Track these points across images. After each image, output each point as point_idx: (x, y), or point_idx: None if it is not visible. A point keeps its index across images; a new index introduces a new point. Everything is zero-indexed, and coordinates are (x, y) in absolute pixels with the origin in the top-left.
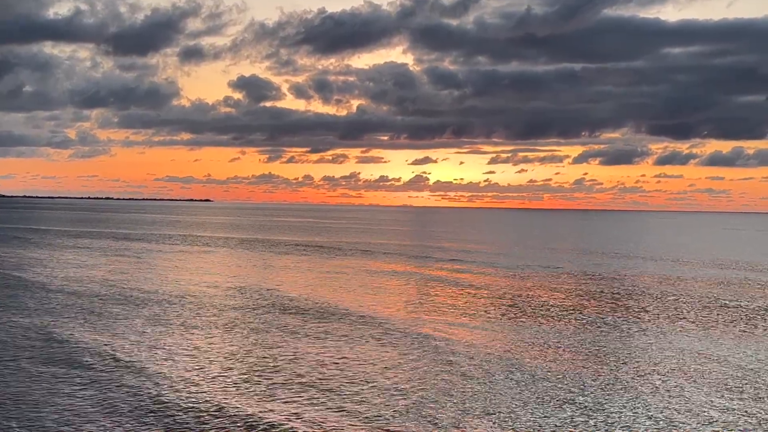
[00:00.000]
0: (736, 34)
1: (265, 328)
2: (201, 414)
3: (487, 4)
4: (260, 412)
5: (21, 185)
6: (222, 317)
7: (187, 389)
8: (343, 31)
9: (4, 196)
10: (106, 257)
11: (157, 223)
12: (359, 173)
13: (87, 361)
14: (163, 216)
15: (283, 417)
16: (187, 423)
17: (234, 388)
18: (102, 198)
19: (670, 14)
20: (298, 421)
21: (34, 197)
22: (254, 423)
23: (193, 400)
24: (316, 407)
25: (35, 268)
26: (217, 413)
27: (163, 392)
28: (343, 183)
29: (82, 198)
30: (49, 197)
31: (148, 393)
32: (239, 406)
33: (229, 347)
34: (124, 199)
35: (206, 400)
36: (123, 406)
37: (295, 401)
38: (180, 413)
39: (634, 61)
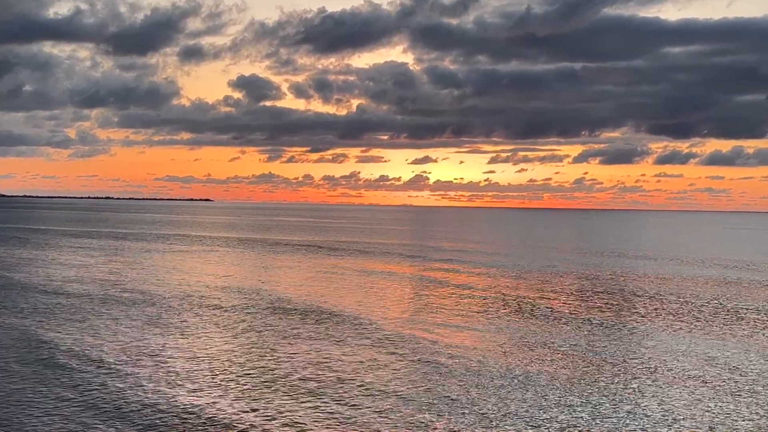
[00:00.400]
0: (736, 34)
1: (259, 330)
2: (184, 416)
3: (487, 3)
4: (244, 413)
5: (21, 185)
6: (216, 318)
7: (172, 391)
8: (343, 30)
9: (4, 195)
10: (104, 257)
11: (157, 222)
12: (359, 173)
13: (76, 363)
14: (162, 216)
15: (267, 419)
16: (170, 425)
17: (221, 390)
18: (102, 198)
19: (670, 13)
20: (283, 423)
21: (34, 197)
22: (237, 424)
23: (179, 401)
24: (306, 409)
25: (31, 269)
26: (201, 415)
27: (148, 394)
28: (343, 182)
29: (82, 198)
30: (49, 197)
31: (133, 395)
32: (224, 407)
33: (221, 348)
34: (124, 198)
35: (191, 402)
36: (108, 407)
37: (283, 403)
38: (164, 415)
39: (633, 61)
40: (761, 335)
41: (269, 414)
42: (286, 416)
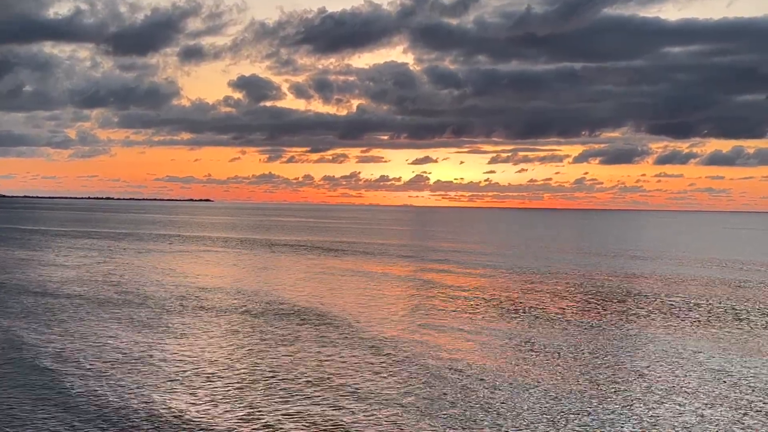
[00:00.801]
0: (736, 34)
1: (252, 332)
2: (170, 419)
3: (487, 3)
4: (229, 415)
5: (21, 185)
6: (210, 320)
7: (157, 394)
8: (343, 30)
9: (4, 196)
10: (101, 258)
11: (157, 223)
12: (359, 173)
13: (62, 366)
14: (162, 216)
15: (255, 422)
16: (155, 428)
17: (208, 393)
18: (102, 198)
19: (670, 13)
20: (270, 426)
21: (34, 197)
22: (223, 427)
23: (164, 405)
24: (296, 413)
25: (26, 269)
26: (186, 418)
27: (133, 398)
28: (344, 183)
29: (82, 198)
30: (49, 197)
31: (117, 398)
32: (210, 410)
33: (212, 351)
34: (124, 199)
35: (176, 406)
36: (91, 411)
37: (270, 406)
38: (148, 418)
39: (634, 61)
40: (761, 338)
41: (257, 417)
42: (274, 420)
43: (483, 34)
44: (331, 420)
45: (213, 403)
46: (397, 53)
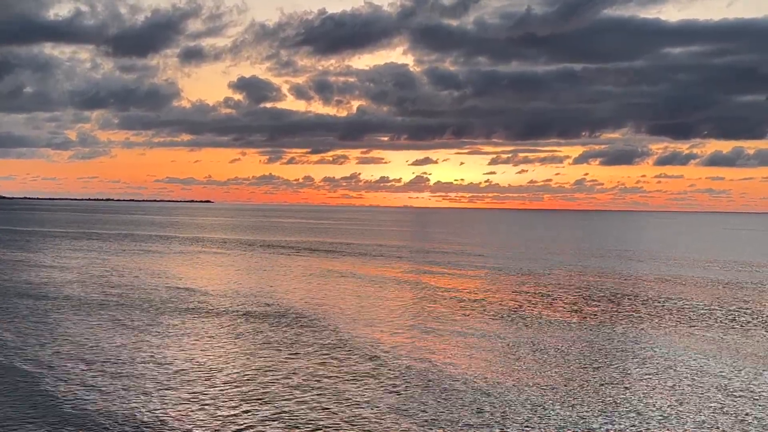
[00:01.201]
0: (736, 34)
1: (243, 335)
2: (154, 424)
3: (487, 4)
4: (211, 417)
5: (21, 186)
6: (203, 323)
7: (142, 398)
8: (343, 31)
9: (4, 197)
10: (100, 259)
11: (156, 224)
12: (360, 174)
13: (39, 369)
14: (162, 217)
15: (234, 425)
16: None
17: (191, 398)
18: (102, 199)
19: (670, 14)
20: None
21: (34, 198)
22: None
23: (142, 410)
24: (283, 420)
25: (19, 270)
26: (170, 423)
27: (118, 401)
28: (344, 184)
29: (82, 199)
30: (49, 198)
31: (101, 401)
32: (194, 415)
33: (200, 355)
34: (124, 200)
35: (163, 409)
36: (76, 414)
37: (258, 410)
38: (131, 422)
39: (634, 61)
40: (759, 340)
41: (248, 418)
42: (263, 421)
43: (483, 34)
44: (323, 421)
45: (202, 404)
46: (397, 54)
